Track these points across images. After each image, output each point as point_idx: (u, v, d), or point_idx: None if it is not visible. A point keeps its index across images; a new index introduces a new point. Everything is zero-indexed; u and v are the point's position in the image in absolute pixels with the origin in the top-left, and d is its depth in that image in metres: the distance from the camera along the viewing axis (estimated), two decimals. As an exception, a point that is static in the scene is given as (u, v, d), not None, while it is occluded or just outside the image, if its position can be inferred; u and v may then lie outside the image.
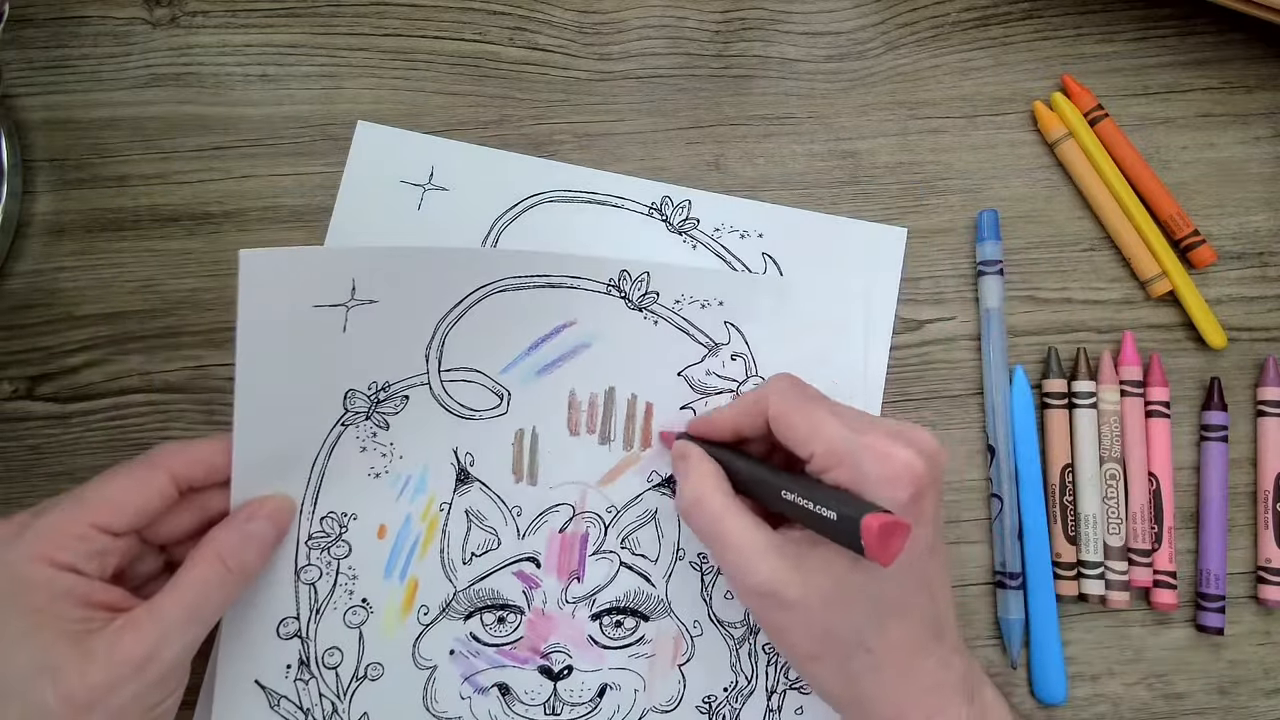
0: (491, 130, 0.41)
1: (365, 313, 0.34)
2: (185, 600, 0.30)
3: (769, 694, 0.37)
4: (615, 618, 0.37)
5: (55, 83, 0.41)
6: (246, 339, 0.32)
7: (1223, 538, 0.39)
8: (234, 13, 0.41)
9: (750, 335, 0.38)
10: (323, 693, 0.36)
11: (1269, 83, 0.42)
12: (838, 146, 0.41)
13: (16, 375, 0.39)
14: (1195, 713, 0.38)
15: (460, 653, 0.36)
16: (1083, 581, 0.38)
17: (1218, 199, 0.41)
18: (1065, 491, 0.39)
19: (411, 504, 0.37)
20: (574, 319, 0.37)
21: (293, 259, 0.33)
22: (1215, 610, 0.38)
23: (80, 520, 0.30)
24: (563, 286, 0.37)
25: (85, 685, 0.28)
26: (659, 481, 0.38)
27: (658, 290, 0.38)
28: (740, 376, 0.38)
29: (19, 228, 0.39)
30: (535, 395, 0.37)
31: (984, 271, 0.40)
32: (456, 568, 0.37)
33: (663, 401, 0.38)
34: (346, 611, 0.36)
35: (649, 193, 0.40)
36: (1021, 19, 0.42)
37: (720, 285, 0.38)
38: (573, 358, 0.38)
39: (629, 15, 0.42)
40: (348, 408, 0.36)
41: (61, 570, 0.29)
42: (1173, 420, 0.40)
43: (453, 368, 0.37)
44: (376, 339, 0.35)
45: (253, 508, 0.33)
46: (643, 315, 0.38)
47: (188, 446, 0.33)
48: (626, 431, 0.38)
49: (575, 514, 0.37)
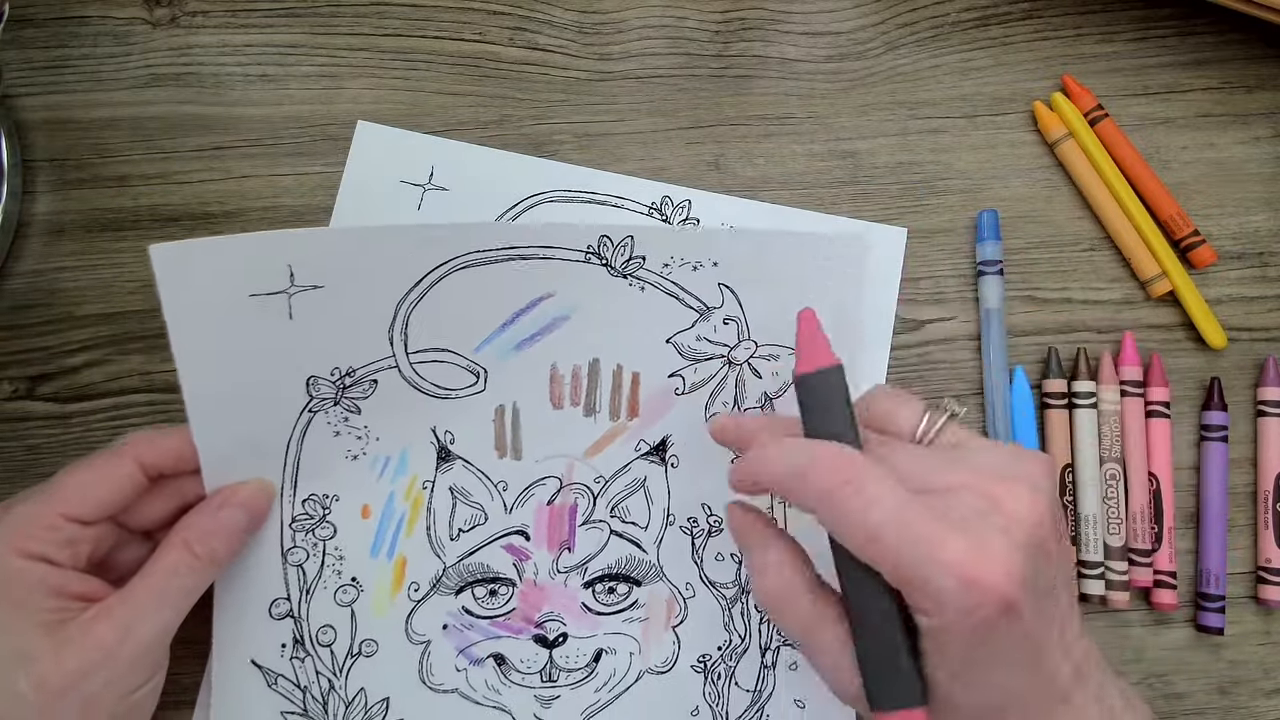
0: (491, 130, 0.41)
1: (311, 299, 0.33)
2: (155, 587, 0.31)
3: (763, 650, 0.37)
4: (608, 584, 0.37)
5: (55, 83, 0.41)
6: (180, 334, 0.32)
7: (1223, 538, 0.39)
8: (234, 13, 0.41)
9: (745, 297, 0.37)
10: (319, 670, 0.36)
11: (1269, 83, 0.42)
12: (838, 146, 0.41)
13: (16, 375, 0.39)
14: (1195, 713, 0.38)
15: (454, 626, 0.37)
16: (1083, 582, 0.38)
17: (1218, 199, 0.41)
18: (1065, 492, 0.39)
19: (393, 483, 0.37)
20: (551, 291, 0.36)
21: (212, 249, 0.32)
22: (1215, 610, 0.38)
23: (49, 511, 0.30)
24: (534, 258, 0.35)
25: (59, 672, 0.28)
26: (646, 450, 0.38)
27: (643, 254, 0.36)
28: (732, 341, 0.37)
29: (19, 228, 0.39)
30: (514, 371, 0.37)
31: (984, 271, 0.40)
32: (444, 544, 0.37)
33: (650, 370, 0.37)
34: (336, 591, 0.36)
35: (649, 193, 0.40)
36: (1021, 19, 0.42)
37: (715, 244, 0.36)
38: (552, 330, 0.37)
39: (629, 15, 0.42)
40: (313, 394, 0.35)
41: (34, 561, 0.30)
42: (1173, 420, 0.40)
43: (421, 349, 0.36)
44: (329, 325, 0.34)
45: (225, 494, 0.34)
46: (627, 282, 0.36)
47: (155, 435, 0.33)
48: (613, 402, 0.37)
49: (563, 486, 0.37)
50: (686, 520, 0.38)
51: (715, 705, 0.37)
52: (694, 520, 0.38)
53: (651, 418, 0.38)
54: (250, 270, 0.32)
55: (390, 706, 0.36)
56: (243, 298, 0.32)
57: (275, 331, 0.33)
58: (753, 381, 0.38)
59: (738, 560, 0.38)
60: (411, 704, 0.36)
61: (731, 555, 0.38)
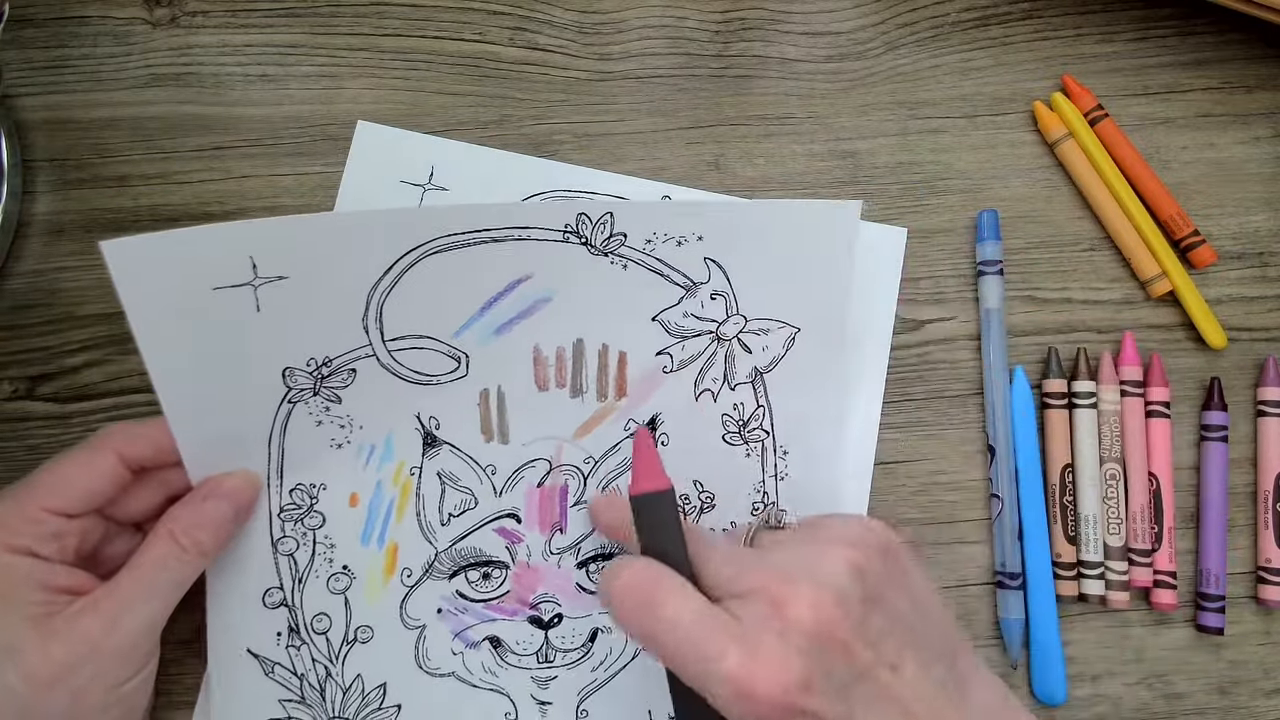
0: (491, 130, 0.41)
1: (277, 290, 0.33)
2: (141, 579, 0.31)
3: None
4: (601, 564, 0.37)
5: (55, 83, 0.41)
6: (143, 329, 0.32)
7: (1222, 538, 0.39)
8: (234, 13, 0.41)
9: (732, 270, 0.36)
10: (315, 657, 0.36)
11: (1269, 83, 0.42)
12: (838, 146, 0.41)
13: (16, 375, 0.39)
14: (1195, 713, 0.38)
15: (448, 610, 0.37)
16: (1083, 582, 0.38)
17: (1218, 199, 0.41)
18: (1065, 492, 0.39)
19: (380, 471, 0.37)
20: (529, 273, 0.35)
21: (165, 243, 0.31)
22: (1215, 610, 0.38)
23: (30, 504, 0.30)
24: (509, 240, 0.35)
25: (47, 664, 0.29)
26: (636, 429, 0.38)
27: (625, 231, 0.35)
28: (720, 316, 0.37)
29: (19, 228, 0.39)
30: (495, 355, 0.36)
31: (984, 271, 0.40)
32: (435, 529, 0.37)
33: (637, 349, 0.37)
34: (329, 579, 0.36)
35: (649, 192, 0.40)
36: (1021, 19, 0.42)
37: (698, 217, 0.36)
38: (533, 313, 0.36)
39: (629, 15, 0.42)
40: (290, 385, 0.35)
41: (19, 555, 0.30)
42: (1173, 420, 0.40)
43: (398, 336, 0.35)
44: (300, 315, 0.34)
45: (210, 486, 0.34)
46: (609, 261, 0.36)
47: (132, 426, 0.33)
48: (599, 383, 0.37)
49: (552, 468, 0.37)
50: (678, 497, 0.38)
51: None
52: (685, 498, 0.38)
53: (640, 397, 0.37)
54: (211, 263, 0.32)
55: (388, 691, 0.36)
56: (206, 291, 0.32)
57: (243, 324, 0.33)
58: (743, 356, 0.37)
59: None
60: (409, 688, 0.36)
61: (724, 531, 0.38)
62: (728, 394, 0.38)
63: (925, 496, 0.39)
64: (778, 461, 0.38)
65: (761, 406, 0.38)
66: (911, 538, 0.39)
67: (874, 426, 0.39)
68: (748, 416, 0.38)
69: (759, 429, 0.38)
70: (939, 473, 0.39)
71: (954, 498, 0.39)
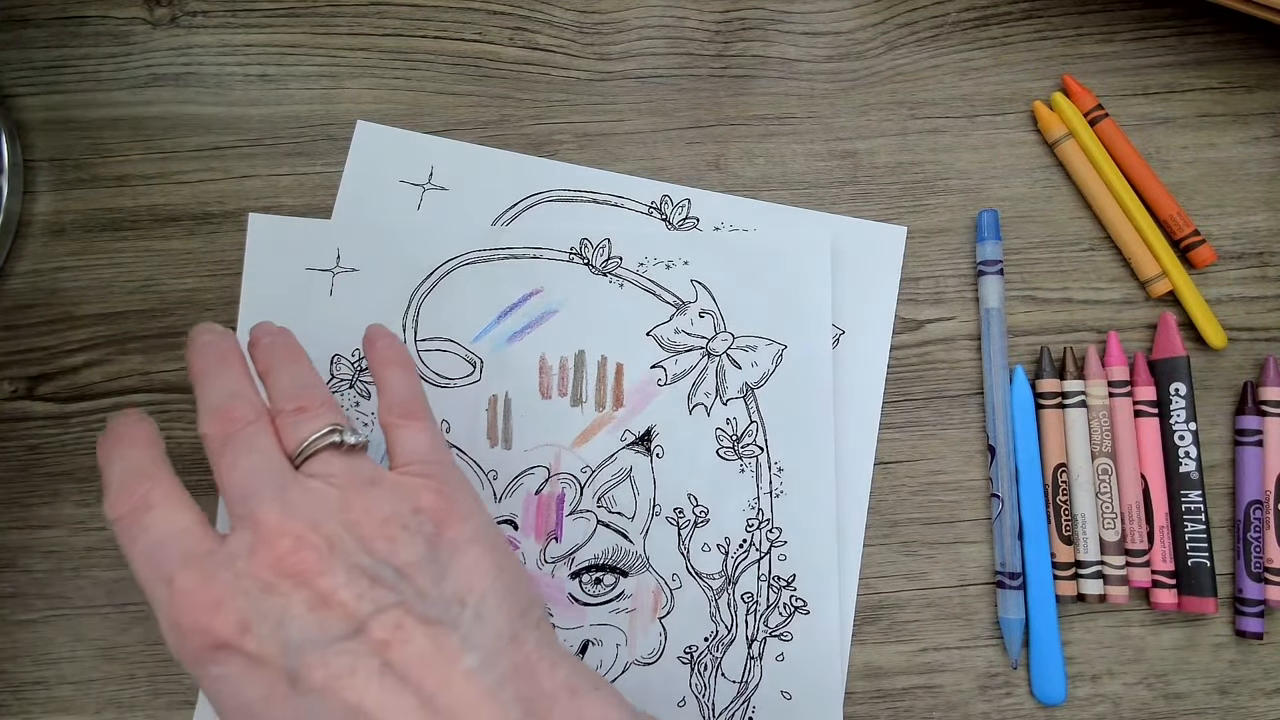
0: (491, 130, 0.41)
1: (349, 280, 0.39)
2: None
3: (749, 642, 0.37)
4: (595, 575, 0.38)
5: (55, 83, 0.41)
6: (250, 297, 0.38)
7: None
8: (234, 13, 0.41)
9: (717, 291, 0.39)
10: None
11: (1269, 83, 0.42)
12: (838, 146, 0.41)
13: (16, 375, 0.39)
14: (1195, 713, 0.38)
15: None
16: (1081, 581, 0.38)
17: (1218, 199, 0.41)
18: (1059, 491, 0.39)
19: None
20: (540, 287, 0.39)
21: (290, 226, 0.39)
22: (1255, 615, 0.38)
23: None
24: (525, 258, 0.39)
25: None
26: (632, 440, 0.38)
27: (620, 255, 0.39)
28: (709, 333, 0.39)
29: (19, 228, 0.39)
30: (506, 362, 0.38)
31: (984, 271, 0.40)
32: None
33: (633, 361, 0.39)
34: None
35: (649, 192, 0.40)
36: (1021, 19, 0.42)
37: (683, 245, 0.39)
38: (541, 324, 0.39)
39: (629, 15, 0.42)
40: (334, 374, 0.38)
41: None
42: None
43: (428, 337, 0.38)
44: (358, 305, 0.38)
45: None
46: (608, 280, 0.39)
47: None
48: (598, 393, 0.38)
49: (550, 476, 0.38)
50: (673, 511, 0.38)
51: (702, 696, 0.37)
52: (680, 511, 0.38)
53: (636, 408, 0.38)
54: (311, 248, 0.39)
55: None
56: (300, 270, 0.38)
57: (318, 305, 0.38)
58: (733, 372, 0.39)
59: (724, 551, 0.38)
60: None
61: (718, 546, 0.38)
62: (720, 409, 0.38)
63: (925, 496, 0.39)
64: (773, 478, 0.38)
65: (754, 422, 0.38)
66: None
67: (874, 426, 0.39)
68: (741, 432, 0.38)
69: (752, 444, 0.38)
70: (939, 472, 0.39)
71: (954, 498, 0.39)
